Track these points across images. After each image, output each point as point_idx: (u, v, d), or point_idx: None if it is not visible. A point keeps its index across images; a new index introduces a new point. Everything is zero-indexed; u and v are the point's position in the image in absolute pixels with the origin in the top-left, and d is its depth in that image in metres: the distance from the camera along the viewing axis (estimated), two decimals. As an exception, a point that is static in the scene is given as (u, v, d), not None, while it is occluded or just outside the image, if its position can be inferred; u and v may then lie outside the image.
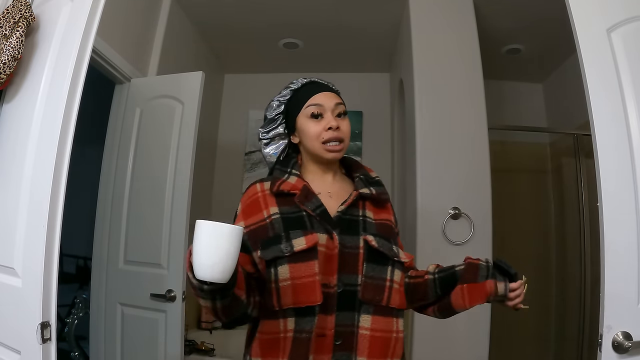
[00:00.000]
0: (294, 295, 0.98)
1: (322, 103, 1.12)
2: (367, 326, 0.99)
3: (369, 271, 1.01)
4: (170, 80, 2.36)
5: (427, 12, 2.55)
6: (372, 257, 1.02)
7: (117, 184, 2.32)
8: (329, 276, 1.00)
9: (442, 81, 2.41)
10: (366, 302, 1.00)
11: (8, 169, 1.32)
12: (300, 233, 1.01)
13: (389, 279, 1.03)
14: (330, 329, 0.98)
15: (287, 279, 0.99)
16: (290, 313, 0.99)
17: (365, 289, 1.00)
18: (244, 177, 3.63)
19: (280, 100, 1.18)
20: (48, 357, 1.10)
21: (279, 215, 1.05)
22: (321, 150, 1.11)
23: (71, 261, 3.19)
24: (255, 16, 2.97)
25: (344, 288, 1.00)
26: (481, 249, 2.19)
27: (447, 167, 2.29)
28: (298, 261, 0.99)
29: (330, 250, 1.01)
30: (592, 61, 1.15)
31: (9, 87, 1.38)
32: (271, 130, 1.20)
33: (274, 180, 1.11)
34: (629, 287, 1.05)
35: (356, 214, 1.07)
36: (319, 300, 0.97)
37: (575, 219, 2.88)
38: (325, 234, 1.02)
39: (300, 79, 1.19)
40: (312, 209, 1.04)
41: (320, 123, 1.11)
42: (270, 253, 1.01)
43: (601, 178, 1.09)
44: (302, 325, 0.97)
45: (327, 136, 1.09)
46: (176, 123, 2.23)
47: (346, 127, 1.12)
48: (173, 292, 2.04)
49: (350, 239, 1.03)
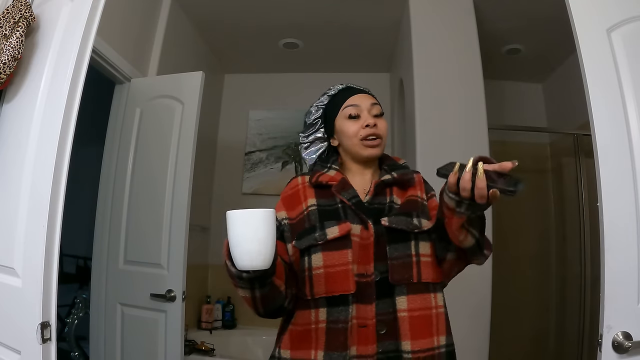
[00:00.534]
0: (327, 283, 0.99)
1: (359, 104, 1.15)
2: (404, 307, 0.97)
3: (393, 252, 1.01)
4: (170, 80, 2.36)
5: (427, 12, 2.55)
6: (393, 237, 1.02)
7: (117, 184, 2.32)
8: (365, 265, 1.00)
9: (442, 81, 2.41)
10: (397, 283, 0.99)
11: (8, 169, 1.32)
12: (335, 223, 1.03)
13: (414, 253, 1.02)
14: (371, 319, 0.97)
15: (320, 267, 1.00)
16: (322, 303, 0.99)
17: (394, 270, 0.99)
18: (243, 177, 3.63)
19: (318, 106, 1.22)
20: (48, 357, 1.10)
21: (315, 207, 1.08)
22: (360, 147, 1.13)
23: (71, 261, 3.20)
24: (255, 16, 2.97)
25: (381, 276, 1.00)
26: (481, 249, 2.19)
27: (447, 167, 2.29)
28: (331, 249, 1.01)
29: (365, 240, 1.02)
30: (592, 61, 1.15)
31: (9, 87, 1.39)
32: (310, 135, 1.23)
33: (313, 172, 1.15)
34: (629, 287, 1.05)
35: (383, 202, 1.08)
36: (352, 289, 0.97)
37: (575, 219, 2.88)
38: (359, 224, 1.03)
39: (338, 85, 1.23)
40: (348, 199, 1.06)
41: (357, 122, 1.14)
42: (305, 242, 1.03)
43: (601, 178, 1.09)
44: (336, 315, 0.97)
45: (365, 133, 1.12)
46: (176, 123, 2.23)
47: (383, 126, 1.15)
48: (173, 292, 2.04)
49: (379, 227, 1.03)
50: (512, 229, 3.26)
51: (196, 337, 2.74)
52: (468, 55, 2.44)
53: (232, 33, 3.21)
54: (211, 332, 3.04)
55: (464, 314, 2.16)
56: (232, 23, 3.08)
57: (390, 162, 1.21)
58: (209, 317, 3.11)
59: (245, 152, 3.68)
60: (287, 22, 3.04)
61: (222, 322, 3.20)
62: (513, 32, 2.94)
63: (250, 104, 3.75)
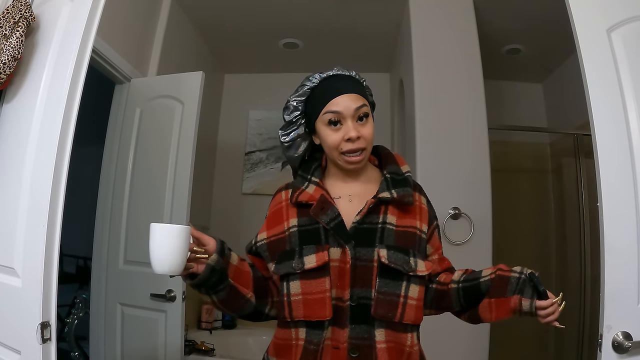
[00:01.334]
0: (305, 309, 0.99)
1: (341, 110, 1.03)
2: (383, 339, 0.97)
3: (382, 286, 0.98)
4: (170, 80, 2.36)
5: (427, 12, 2.55)
6: (386, 272, 0.98)
7: (117, 184, 2.32)
8: (342, 290, 0.99)
9: (442, 81, 2.41)
10: (379, 318, 0.97)
11: (8, 169, 1.32)
12: (313, 249, 1.00)
13: (403, 294, 0.99)
14: (343, 342, 0.97)
15: (299, 294, 1.00)
16: (301, 324, 1.00)
17: (378, 305, 0.97)
18: (243, 177, 3.63)
19: (298, 101, 1.10)
20: (48, 357, 1.11)
21: (296, 228, 1.04)
22: (340, 160, 1.05)
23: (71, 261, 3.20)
24: (256, 16, 2.97)
25: (358, 302, 0.98)
26: (481, 249, 2.20)
27: (447, 167, 2.29)
28: (309, 278, 0.99)
29: (344, 265, 0.99)
30: (592, 61, 1.15)
31: (9, 87, 1.39)
32: (291, 132, 1.12)
33: (294, 189, 1.09)
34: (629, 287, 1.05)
35: (375, 222, 1.02)
36: (328, 315, 0.97)
37: (575, 219, 2.87)
38: (339, 247, 1.00)
39: (318, 75, 1.10)
40: (327, 222, 1.01)
41: (338, 132, 1.03)
42: (283, 269, 1.02)
43: (601, 178, 1.09)
44: (311, 337, 0.98)
45: (346, 148, 1.03)
46: (176, 123, 2.23)
47: (367, 132, 1.04)
48: (173, 292, 2.04)
49: (365, 251, 0.99)
50: (512, 229, 3.25)
51: (196, 337, 2.74)
52: (468, 55, 2.44)
53: (232, 33, 3.21)
54: (211, 332, 3.04)
55: (464, 314, 2.16)
56: (232, 23, 3.07)
57: (392, 169, 1.11)
58: (209, 317, 3.11)
59: (245, 152, 3.68)
60: (287, 22, 3.04)
61: (222, 322, 3.20)
62: (513, 32, 2.94)
63: (250, 104, 3.75)
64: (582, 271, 2.74)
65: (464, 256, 2.17)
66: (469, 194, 2.26)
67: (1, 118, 1.40)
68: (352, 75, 1.10)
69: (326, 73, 1.10)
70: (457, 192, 2.26)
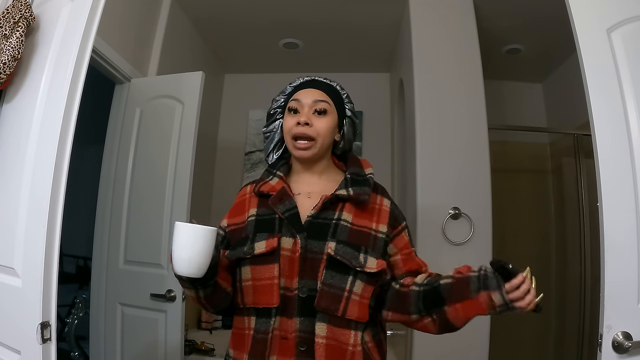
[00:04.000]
0: (254, 295, 1.02)
1: (301, 98, 1.11)
2: (323, 334, 0.97)
3: (327, 278, 0.98)
4: (170, 80, 2.36)
5: (427, 12, 2.55)
6: (333, 265, 0.99)
7: (117, 184, 2.32)
8: (290, 280, 1.00)
9: (442, 81, 2.41)
10: (321, 310, 0.97)
11: (8, 169, 1.32)
12: (265, 236, 1.03)
13: (348, 289, 0.99)
14: (291, 333, 0.98)
15: (249, 279, 1.03)
16: (252, 312, 1.03)
17: (321, 297, 0.98)
18: (243, 177, 3.63)
19: (280, 96, 1.19)
20: (48, 357, 1.10)
21: (254, 217, 1.09)
22: (291, 146, 1.10)
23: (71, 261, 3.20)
24: (255, 16, 2.97)
25: (308, 294, 0.99)
26: (481, 249, 2.19)
27: (447, 167, 2.29)
28: (259, 263, 1.02)
29: (294, 254, 1.01)
30: (592, 61, 1.15)
31: (9, 87, 1.39)
32: (270, 124, 1.20)
33: (258, 181, 1.14)
34: (629, 287, 1.05)
35: (330, 217, 1.04)
36: (275, 302, 0.98)
37: (575, 219, 2.87)
38: (291, 237, 1.02)
39: (301, 78, 1.18)
40: (282, 212, 1.04)
41: (294, 118, 1.10)
42: (235, 254, 1.06)
43: (601, 178, 1.09)
44: (259, 326, 1.00)
45: (295, 131, 1.08)
46: (176, 123, 2.23)
47: (320, 125, 1.08)
48: (173, 292, 2.04)
49: (316, 243, 1.01)
50: (512, 229, 3.25)
51: (196, 337, 2.73)
52: (468, 55, 2.44)
53: (232, 33, 3.21)
54: (211, 332, 3.04)
55: (464, 314, 2.16)
56: (232, 23, 3.07)
57: (354, 170, 1.13)
58: (209, 317, 3.11)
59: (245, 152, 3.68)
60: (287, 22, 3.04)
61: (222, 322, 3.20)
62: (513, 32, 2.94)
63: (250, 104, 3.75)
64: (582, 271, 2.74)
65: (464, 256, 2.16)
66: (469, 194, 2.25)
67: (1, 118, 1.40)
68: (329, 82, 1.17)
69: (311, 77, 1.18)
70: (457, 192, 2.26)
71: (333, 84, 1.17)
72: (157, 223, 2.14)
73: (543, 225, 3.39)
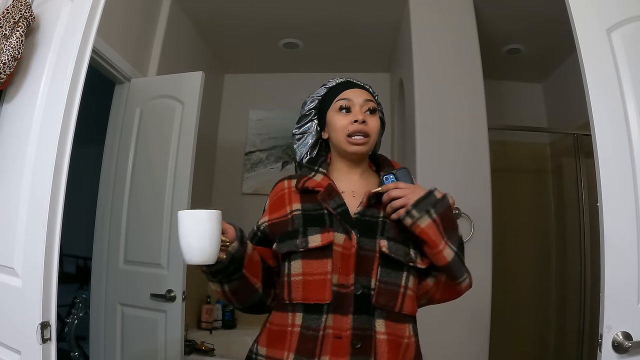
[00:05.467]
0: (304, 291, 0.99)
1: (352, 97, 1.13)
2: (383, 330, 0.98)
3: (384, 276, 0.99)
4: (170, 80, 2.36)
5: (427, 12, 2.55)
6: (387, 262, 1.00)
7: (117, 184, 2.32)
8: (345, 276, 0.99)
9: (442, 81, 2.41)
10: (380, 307, 0.98)
11: (8, 169, 1.32)
12: (318, 230, 1.02)
13: (404, 285, 1.01)
14: (346, 331, 0.97)
15: (300, 274, 1.00)
16: (299, 308, 1.00)
17: (379, 294, 0.98)
18: (243, 177, 3.63)
19: (314, 97, 1.20)
20: (48, 357, 1.10)
21: (300, 211, 1.07)
22: (345, 142, 1.10)
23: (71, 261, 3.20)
24: (256, 16, 2.97)
25: (362, 290, 0.99)
26: (481, 249, 2.20)
27: (447, 167, 2.29)
28: (312, 258, 1.00)
29: (348, 250, 1.00)
30: (592, 61, 1.15)
31: (9, 87, 1.38)
32: (303, 126, 1.21)
33: (300, 177, 1.13)
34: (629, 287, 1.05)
35: (376, 215, 1.05)
36: (327, 298, 0.97)
37: (575, 219, 2.88)
38: (343, 233, 1.01)
39: (338, 78, 1.20)
40: (334, 207, 1.04)
41: (347, 116, 1.11)
42: (286, 247, 1.03)
43: (601, 178, 1.09)
44: (309, 323, 0.98)
45: (353, 129, 1.09)
46: (176, 123, 2.23)
47: (374, 124, 1.12)
48: (173, 292, 2.04)
49: (368, 241, 1.01)
50: (512, 229, 3.26)
51: (196, 337, 2.74)
52: (468, 56, 2.44)
53: (232, 33, 3.21)
54: (211, 332, 3.04)
55: (464, 314, 2.16)
56: (232, 23, 3.08)
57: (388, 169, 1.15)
58: (209, 317, 3.11)
59: (245, 152, 3.68)
60: (287, 22, 3.04)
61: (222, 322, 3.20)
62: (513, 32, 2.94)
63: (250, 104, 3.75)
64: (582, 271, 2.74)
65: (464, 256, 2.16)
66: (469, 194, 2.25)
67: (1, 118, 1.40)
68: (366, 85, 1.20)
69: (344, 78, 1.20)
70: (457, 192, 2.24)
71: (369, 87, 1.20)
72: (157, 223, 2.14)
73: (543, 225, 3.39)
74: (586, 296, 2.71)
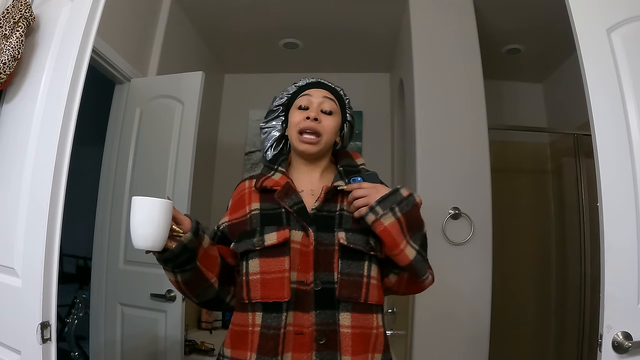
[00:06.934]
0: (263, 289, 0.99)
1: (312, 94, 1.15)
2: (348, 324, 0.97)
3: (345, 268, 1.00)
4: (170, 80, 2.36)
5: (427, 12, 2.55)
6: (347, 254, 1.01)
7: (117, 184, 2.32)
8: (305, 273, 0.99)
9: (442, 81, 2.41)
10: (344, 299, 0.98)
11: (8, 169, 1.32)
12: (274, 228, 1.02)
13: (366, 274, 1.02)
14: (307, 327, 0.97)
15: (257, 272, 1.01)
16: (258, 307, 1.00)
17: (342, 287, 0.98)
18: (243, 177, 3.61)
19: (284, 94, 1.21)
20: (48, 357, 1.10)
21: (258, 210, 1.08)
22: (297, 140, 1.12)
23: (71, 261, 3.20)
24: (256, 16, 2.97)
25: (322, 286, 0.99)
26: (481, 249, 2.19)
27: (447, 167, 2.29)
28: (269, 256, 1.00)
29: (306, 247, 1.00)
30: (592, 61, 1.15)
31: (9, 87, 1.38)
32: (269, 122, 1.24)
33: (259, 177, 1.14)
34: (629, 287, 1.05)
35: (333, 210, 1.06)
36: (286, 296, 0.97)
37: (575, 219, 2.87)
38: (301, 230, 1.02)
39: (308, 78, 1.22)
40: (290, 205, 1.04)
41: (303, 113, 1.13)
42: (243, 246, 1.04)
43: (601, 178, 1.09)
44: (269, 321, 0.98)
45: (303, 125, 1.11)
46: (176, 123, 2.23)
47: (327, 123, 1.13)
48: (173, 292, 2.04)
49: (326, 235, 1.01)
50: (512, 229, 3.26)
51: (196, 337, 2.73)
52: (468, 55, 2.44)
53: (232, 33, 3.21)
54: (211, 332, 3.04)
55: (464, 314, 2.16)
56: (232, 23, 3.07)
57: (346, 162, 1.17)
58: (209, 317, 3.11)
59: (245, 152, 3.68)
60: (287, 22, 3.04)
61: (222, 322, 3.20)
62: (513, 32, 2.94)
63: (250, 104, 3.75)
64: (582, 271, 2.74)
65: (464, 256, 2.17)
66: (469, 194, 2.25)
67: (1, 118, 1.40)
68: (334, 85, 1.21)
69: (316, 79, 1.22)
70: (457, 192, 2.26)
71: (338, 89, 1.21)
72: (157, 223, 2.14)
73: (543, 225, 3.39)
74: (586, 296, 2.71)
